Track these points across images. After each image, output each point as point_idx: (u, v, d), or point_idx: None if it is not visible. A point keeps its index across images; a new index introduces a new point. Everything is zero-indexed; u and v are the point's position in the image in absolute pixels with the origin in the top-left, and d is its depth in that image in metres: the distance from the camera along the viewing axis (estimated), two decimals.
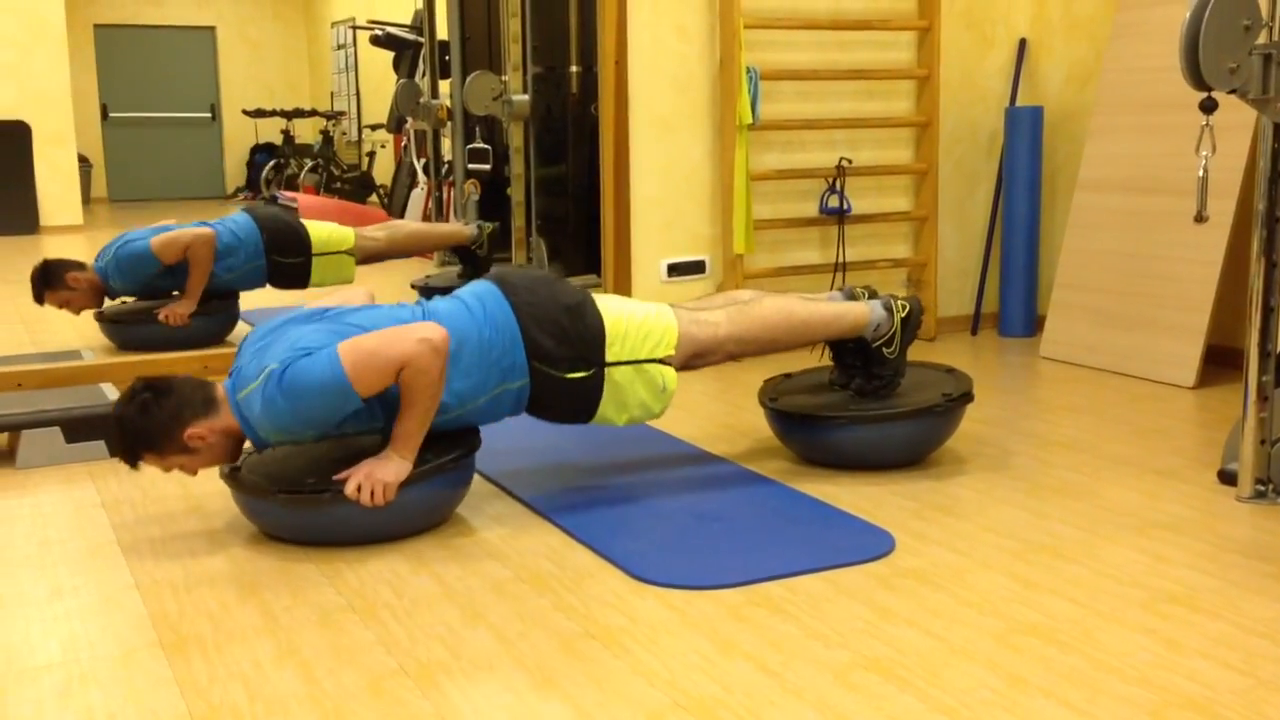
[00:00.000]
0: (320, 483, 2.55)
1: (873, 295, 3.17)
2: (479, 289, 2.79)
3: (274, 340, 2.59)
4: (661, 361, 2.84)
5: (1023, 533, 2.65)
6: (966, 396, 3.09)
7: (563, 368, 2.74)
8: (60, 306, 4.65)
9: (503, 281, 2.81)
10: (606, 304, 2.85)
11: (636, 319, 2.84)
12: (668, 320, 2.88)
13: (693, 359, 2.94)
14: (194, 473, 2.65)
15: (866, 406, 3.06)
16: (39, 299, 4.63)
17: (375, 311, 2.70)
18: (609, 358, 2.77)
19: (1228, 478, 2.95)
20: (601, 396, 2.79)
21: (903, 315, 3.10)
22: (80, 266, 4.64)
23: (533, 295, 2.77)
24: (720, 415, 3.73)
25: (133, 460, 2.58)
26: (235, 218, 4.84)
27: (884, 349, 3.08)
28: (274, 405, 2.48)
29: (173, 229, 4.67)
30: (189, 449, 2.57)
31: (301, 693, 1.95)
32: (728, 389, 4.09)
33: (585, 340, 2.76)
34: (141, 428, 2.53)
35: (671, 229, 4.54)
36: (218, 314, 4.74)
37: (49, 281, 4.59)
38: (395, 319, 2.67)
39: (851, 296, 3.18)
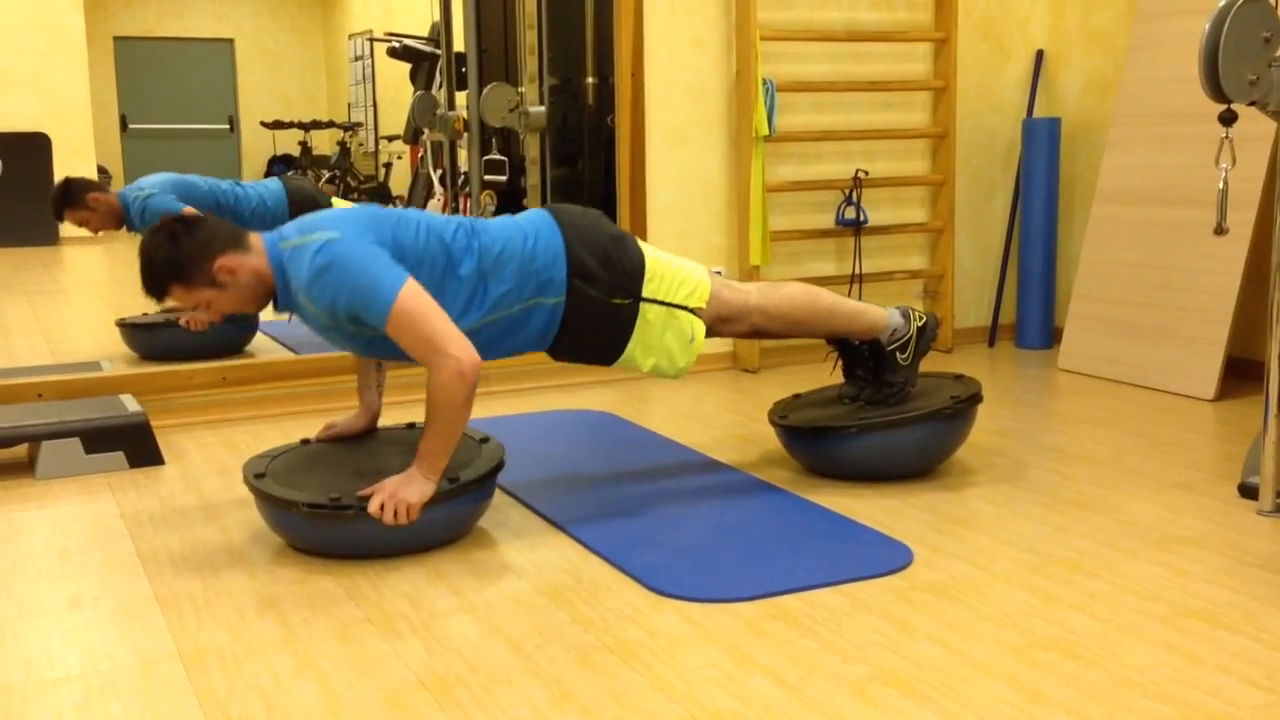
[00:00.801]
0: (344, 499, 2.55)
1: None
2: (530, 212, 2.85)
3: (338, 217, 2.58)
4: (694, 312, 2.87)
5: (1042, 546, 2.64)
6: (975, 398, 3.09)
7: (602, 290, 2.77)
8: (78, 225, 4.66)
9: (553, 208, 2.86)
10: (645, 246, 2.91)
11: (674, 265, 2.90)
12: (702, 275, 2.93)
13: (719, 322, 2.96)
14: (218, 317, 2.64)
15: (875, 414, 3.06)
16: (58, 216, 4.63)
17: (430, 217, 2.71)
18: (645, 293, 2.81)
19: (1248, 491, 2.94)
20: (632, 332, 2.82)
21: (919, 324, 3.12)
22: (102, 188, 4.67)
23: (581, 219, 2.82)
24: (735, 426, 3.73)
25: (159, 292, 2.57)
26: (268, 183, 4.88)
27: (898, 354, 3.10)
28: (316, 269, 2.48)
29: (203, 184, 4.66)
30: (217, 283, 2.56)
31: (320, 705, 1.95)
32: (742, 400, 4.08)
33: (626, 270, 2.79)
34: (170, 256, 2.53)
35: (687, 240, 4.54)
36: (238, 323, 4.76)
37: (69, 199, 4.61)
38: (444, 227, 2.68)
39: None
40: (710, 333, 2.97)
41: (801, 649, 2.13)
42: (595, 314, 2.79)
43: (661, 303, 2.83)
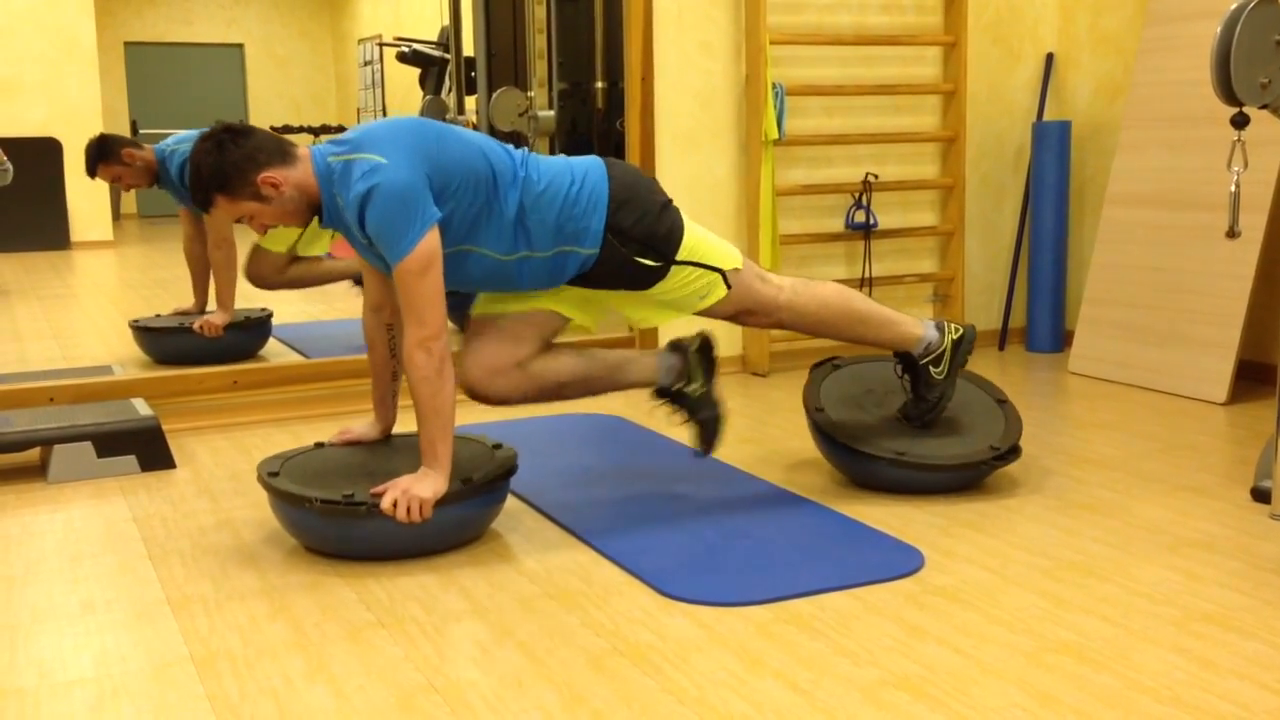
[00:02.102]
0: (357, 495, 2.56)
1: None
2: (585, 158, 2.85)
3: (399, 137, 2.58)
4: (724, 275, 2.85)
5: (1053, 550, 2.64)
6: (1014, 451, 3.04)
7: (634, 250, 2.76)
8: (112, 181, 4.68)
9: (609, 161, 2.86)
10: (689, 222, 2.90)
11: (710, 238, 2.89)
12: (736, 253, 2.93)
13: (744, 313, 2.95)
14: (263, 230, 2.66)
15: (913, 446, 3.00)
16: (91, 171, 4.64)
17: (484, 140, 2.71)
18: (680, 256, 2.81)
19: (1261, 495, 2.93)
20: (658, 284, 2.81)
21: (955, 337, 3.07)
22: (137, 145, 4.67)
23: (632, 178, 2.82)
24: (746, 430, 3.72)
25: (205, 202, 2.60)
26: None
27: (931, 368, 3.06)
28: (363, 193, 2.50)
29: None
30: (261, 196, 2.58)
31: (331, 709, 1.95)
32: (752, 404, 4.08)
33: (663, 236, 2.79)
34: (216, 165, 2.55)
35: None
36: (251, 328, 4.77)
37: (104, 154, 4.62)
38: (493, 149, 2.69)
39: None
40: (734, 320, 2.97)
41: (812, 652, 2.13)
42: (624, 269, 2.78)
43: (693, 264, 2.82)
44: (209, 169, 2.56)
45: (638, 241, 2.76)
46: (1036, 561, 2.57)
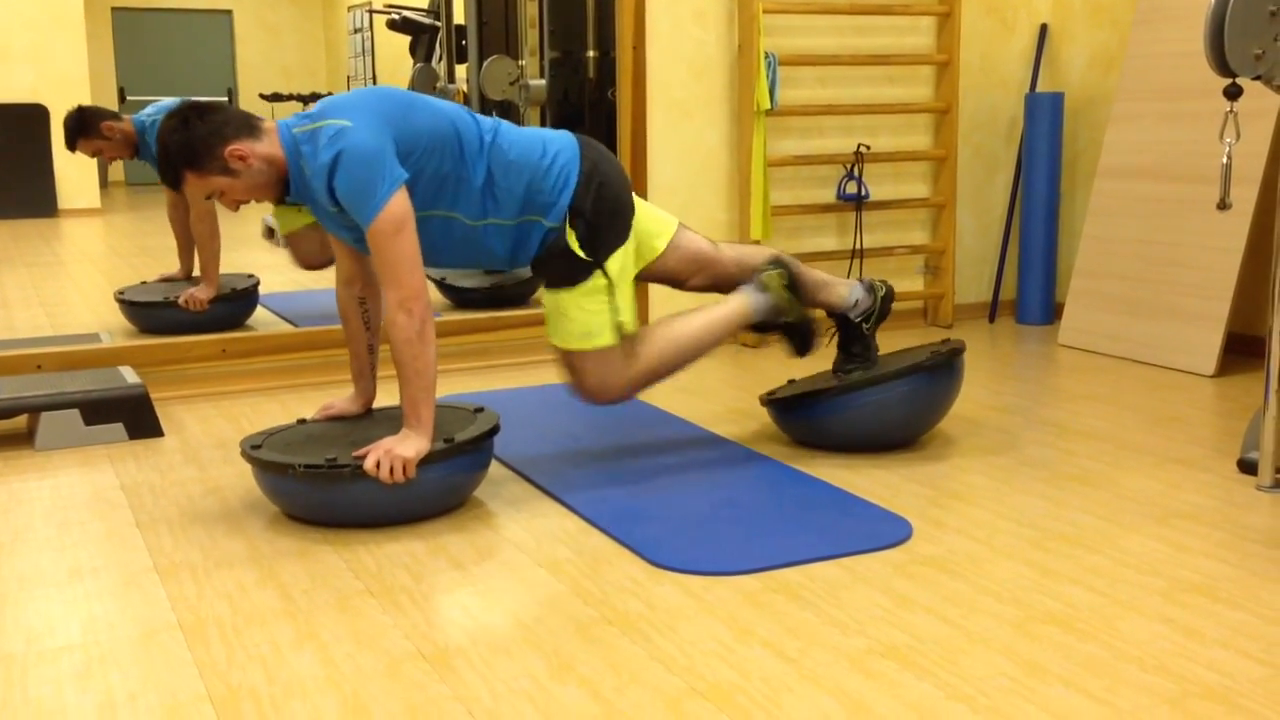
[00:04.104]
0: (340, 459, 2.55)
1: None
2: (560, 132, 2.86)
3: (363, 105, 2.59)
4: (616, 329, 2.85)
5: (1041, 521, 2.64)
6: (956, 351, 3.11)
7: (580, 234, 2.77)
8: (92, 155, 4.64)
9: (584, 140, 2.87)
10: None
11: (631, 283, 2.90)
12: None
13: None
14: (235, 206, 2.66)
15: (858, 376, 3.10)
16: (71, 145, 4.60)
17: (452, 108, 2.72)
18: (607, 265, 2.81)
19: (1248, 467, 2.94)
20: (581, 283, 2.81)
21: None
22: (116, 116, 4.63)
23: (606, 165, 2.84)
24: (736, 401, 3.73)
25: (175, 179, 2.61)
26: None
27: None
28: (330, 159, 2.51)
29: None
30: (230, 169, 2.58)
31: (320, 675, 1.95)
32: (743, 375, 4.08)
33: (610, 233, 2.80)
34: (183, 141, 2.56)
35: (688, 214, 4.52)
36: (237, 299, 4.75)
37: (83, 128, 4.58)
38: (461, 116, 2.70)
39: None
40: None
41: (801, 621, 2.13)
42: (565, 253, 2.79)
43: (610, 284, 2.81)
44: (176, 145, 2.56)
45: (585, 231, 2.77)
46: (1024, 532, 2.57)
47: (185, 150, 2.56)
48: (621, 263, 2.84)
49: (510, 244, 2.79)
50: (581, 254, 2.78)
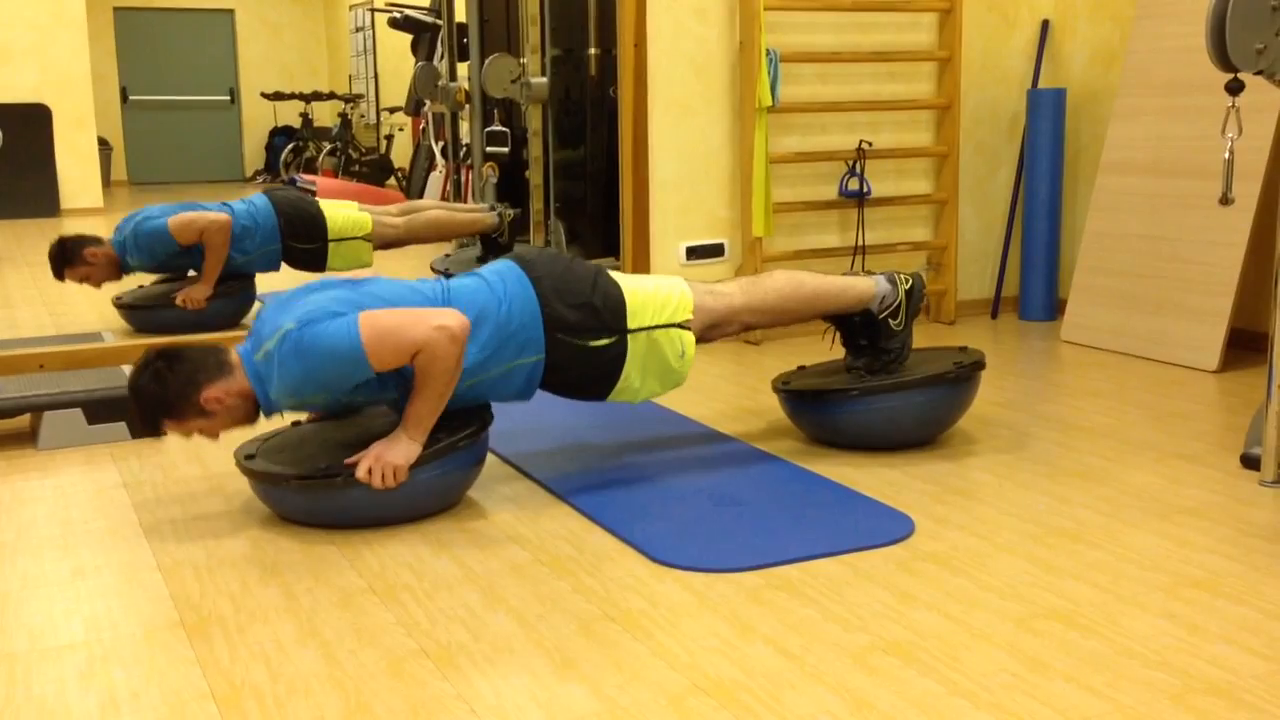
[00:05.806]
0: (332, 468, 2.55)
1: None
2: (500, 267, 2.82)
3: (292, 304, 2.60)
4: (681, 326, 2.86)
5: (1043, 517, 2.64)
6: (978, 365, 3.10)
7: (586, 337, 2.76)
8: (80, 281, 4.70)
9: (522, 260, 2.83)
10: (620, 278, 2.89)
11: (650, 289, 2.88)
12: (681, 288, 2.92)
13: (709, 330, 2.97)
14: (215, 436, 2.66)
15: (878, 379, 3.07)
16: (59, 275, 4.67)
17: (396, 285, 2.71)
18: (631, 325, 2.80)
19: (1250, 462, 2.94)
20: (623, 367, 2.81)
21: (906, 287, 3.15)
22: (97, 241, 4.67)
23: (552, 268, 2.80)
24: (737, 398, 3.73)
25: (155, 429, 2.62)
26: (254, 200, 4.85)
27: (890, 320, 3.12)
28: (287, 365, 2.50)
29: (192, 208, 4.69)
30: (207, 413, 2.58)
31: (322, 673, 1.96)
32: (745, 372, 4.08)
33: (607, 309, 2.78)
34: (158, 395, 2.55)
35: (690, 212, 4.53)
36: (234, 296, 4.76)
37: (68, 259, 4.63)
38: (417, 293, 2.69)
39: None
40: (702, 340, 2.97)
41: (803, 618, 2.13)
42: (583, 359, 2.77)
43: (648, 328, 2.81)
44: (152, 400, 2.54)
45: (586, 329, 2.75)
46: (1027, 528, 2.57)
47: (163, 405, 2.54)
48: (635, 308, 2.81)
49: (509, 390, 2.77)
50: (603, 343, 2.76)
